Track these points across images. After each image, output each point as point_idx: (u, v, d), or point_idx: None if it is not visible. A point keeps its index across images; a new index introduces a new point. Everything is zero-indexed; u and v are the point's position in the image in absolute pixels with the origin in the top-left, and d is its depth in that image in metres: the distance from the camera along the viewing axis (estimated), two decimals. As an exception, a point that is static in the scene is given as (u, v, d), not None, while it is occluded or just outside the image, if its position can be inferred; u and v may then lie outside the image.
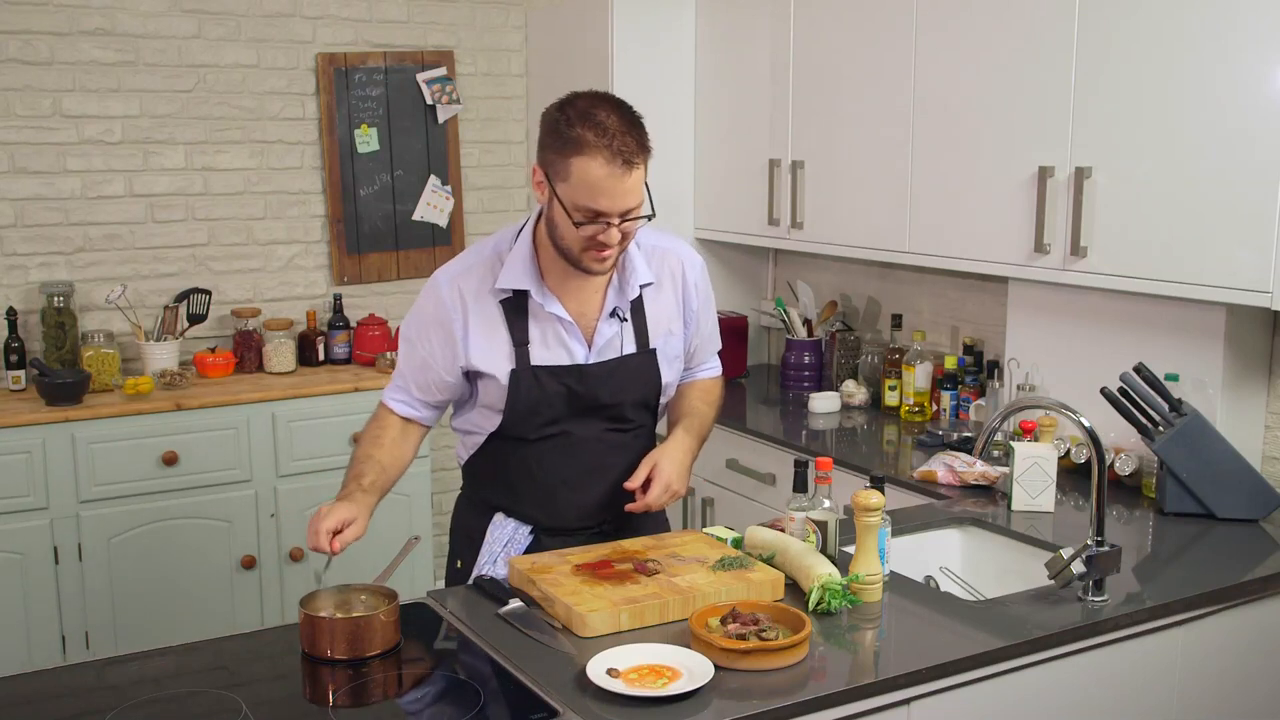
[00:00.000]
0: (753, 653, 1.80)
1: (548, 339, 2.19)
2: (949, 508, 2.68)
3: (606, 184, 1.99)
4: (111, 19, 3.90)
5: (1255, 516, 2.58)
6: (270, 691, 1.84)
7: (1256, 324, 2.77)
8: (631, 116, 2.04)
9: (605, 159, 1.98)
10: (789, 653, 1.82)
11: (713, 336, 2.44)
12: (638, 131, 2.03)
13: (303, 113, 4.23)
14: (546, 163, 2.06)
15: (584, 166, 1.99)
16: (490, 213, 4.61)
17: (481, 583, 2.13)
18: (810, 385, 3.88)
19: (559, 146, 2.02)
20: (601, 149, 1.98)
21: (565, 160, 2.01)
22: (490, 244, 2.24)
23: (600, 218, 2.03)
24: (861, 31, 3.37)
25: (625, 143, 1.99)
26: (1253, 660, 2.34)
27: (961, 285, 3.61)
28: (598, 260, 2.09)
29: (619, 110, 2.04)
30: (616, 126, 2.00)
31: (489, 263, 2.20)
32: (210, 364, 3.96)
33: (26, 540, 3.49)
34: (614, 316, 2.23)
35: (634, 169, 2.01)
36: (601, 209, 2.02)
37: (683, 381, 2.43)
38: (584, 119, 2.00)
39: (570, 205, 2.03)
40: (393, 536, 3.83)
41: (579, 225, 2.04)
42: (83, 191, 3.93)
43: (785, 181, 3.68)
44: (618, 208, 2.02)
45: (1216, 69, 2.49)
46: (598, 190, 2.00)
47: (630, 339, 2.24)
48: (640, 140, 2.03)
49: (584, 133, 1.99)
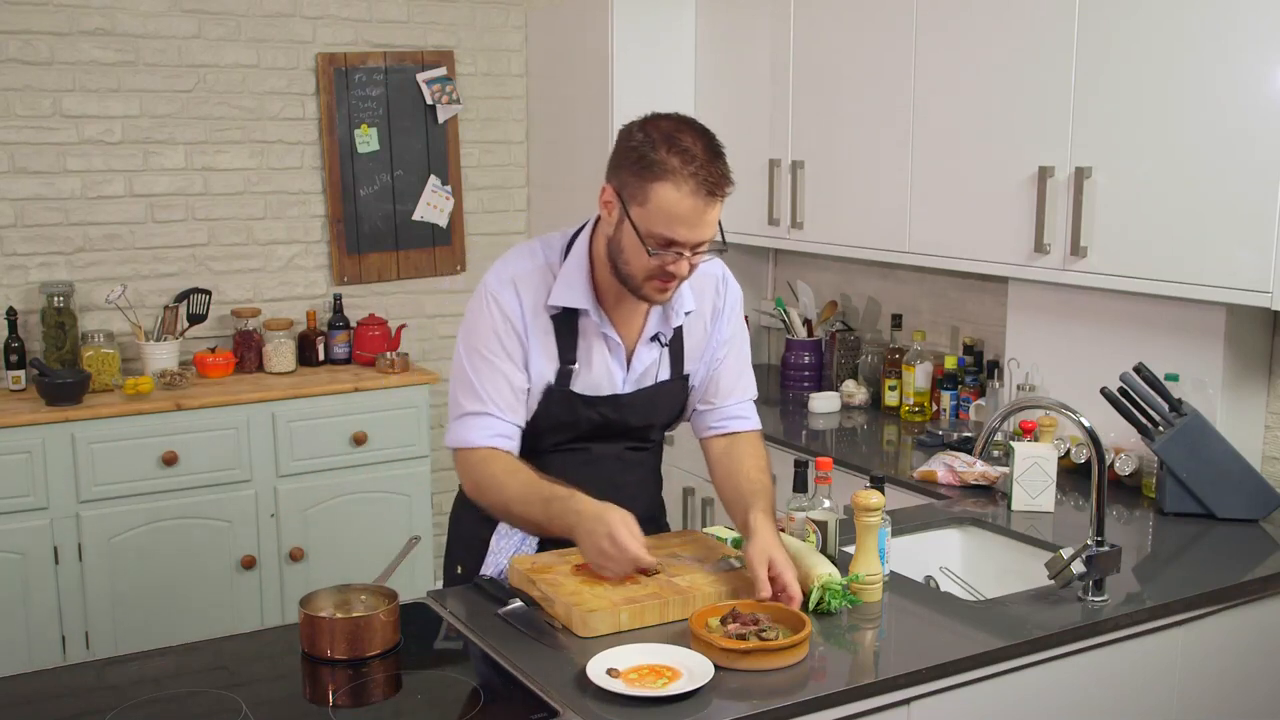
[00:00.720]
0: (753, 653, 1.80)
1: (592, 359, 2.11)
2: (949, 508, 2.68)
3: (688, 214, 1.90)
4: (111, 19, 3.90)
5: (1255, 516, 2.58)
6: (270, 691, 1.84)
7: (1256, 324, 2.77)
8: (716, 146, 1.94)
9: (691, 188, 1.89)
10: (789, 653, 1.82)
11: (745, 375, 2.30)
12: (722, 162, 1.93)
13: (303, 113, 4.23)
14: (621, 184, 1.95)
15: (666, 193, 1.90)
16: (490, 213, 4.61)
17: (481, 583, 2.12)
18: (810, 385, 3.88)
19: (639, 169, 1.92)
20: (687, 177, 1.89)
21: (645, 184, 1.91)
22: (539, 251, 2.12)
23: (674, 247, 1.94)
24: (861, 31, 3.37)
25: (712, 172, 1.90)
26: (1253, 660, 2.34)
27: (961, 285, 3.61)
28: (660, 290, 2.01)
29: (705, 137, 1.94)
30: (703, 154, 1.90)
31: (541, 273, 2.09)
32: (210, 364, 3.96)
33: (26, 540, 3.49)
34: (654, 341, 2.16)
35: (718, 200, 1.92)
36: (678, 239, 1.93)
37: (719, 430, 2.28)
38: (669, 142, 1.90)
39: (644, 231, 1.93)
40: (393, 536, 3.86)
41: (651, 254, 1.94)
42: (83, 191, 3.93)
43: (785, 181, 3.68)
44: (694, 238, 1.93)
45: (1216, 69, 2.49)
46: (678, 219, 1.91)
47: (666, 365, 2.19)
48: (726, 171, 1.93)
49: (669, 157, 1.89)
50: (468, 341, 2.11)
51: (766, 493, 2.16)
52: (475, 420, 2.08)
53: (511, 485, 2.05)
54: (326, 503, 3.89)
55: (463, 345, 2.12)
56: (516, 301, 2.07)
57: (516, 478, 2.05)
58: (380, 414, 3.96)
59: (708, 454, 2.31)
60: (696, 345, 2.23)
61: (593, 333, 2.11)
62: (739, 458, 2.24)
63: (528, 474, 2.05)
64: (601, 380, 2.14)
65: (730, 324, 2.25)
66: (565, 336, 2.10)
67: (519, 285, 2.08)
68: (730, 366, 2.27)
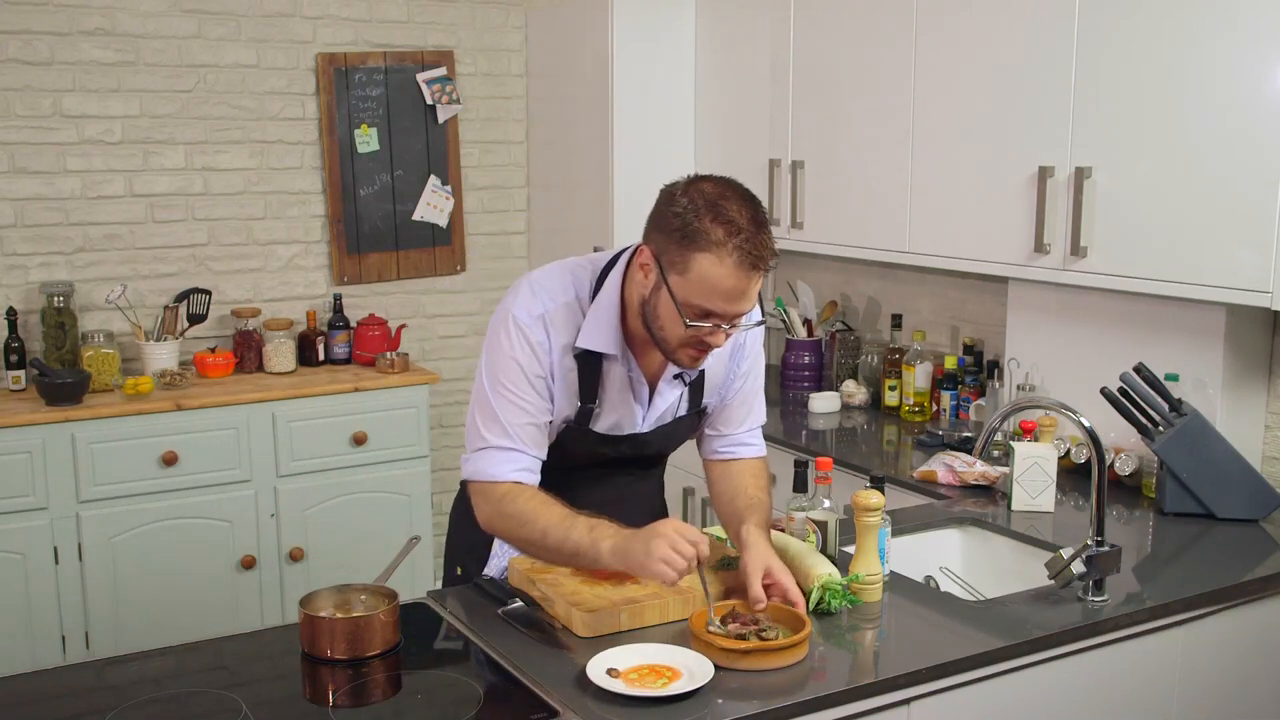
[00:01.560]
0: (753, 653, 1.80)
1: (613, 398, 2.07)
2: (949, 508, 2.68)
3: (730, 288, 1.83)
4: (111, 19, 3.90)
5: (1255, 516, 2.58)
6: (270, 691, 1.84)
7: (1256, 324, 2.77)
8: (762, 216, 1.87)
9: (735, 261, 1.81)
10: (789, 653, 1.82)
11: (757, 405, 2.26)
12: (767, 233, 1.86)
13: (303, 113, 4.23)
14: (661, 249, 1.87)
15: (708, 266, 1.82)
16: (490, 213, 4.61)
17: (481, 583, 2.12)
18: (810, 385, 3.88)
19: (680, 237, 1.84)
20: (731, 250, 1.81)
21: (686, 254, 1.83)
22: (570, 285, 2.03)
23: (712, 319, 1.87)
24: (861, 31, 3.37)
25: (757, 244, 1.82)
26: (1253, 660, 2.34)
27: (961, 285, 3.61)
28: (693, 359, 1.95)
29: (750, 205, 1.86)
30: (749, 225, 1.83)
31: (571, 311, 2.01)
32: (210, 364, 3.96)
33: (26, 540, 3.49)
34: (678, 379, 2.11)
35: (760, 274, 1.85)
36: (717, 311, 1.86)
37: (725, 456, 2.26)
38: (713, 210, 1.83)
39: (682, 301, 1.86)
40: (393, 536, 3.86)
41: (688, 325, 1.87)
42: (83, 191, 3.93)
43: (785, 181, 3.68)
44: (734, 310, 1.87)
45: (1217, 69, 2.49)
46: (719, 292, 1.84)
47: (685, 400, 2.16)
48: (771, 243, 1.86)
49: (713, 227, 1.81)
50: (492, 372, 2.02)
51: (763, 508, 2.13)
52: (499, 455, 2.01)
53: (546, 515, 1.97)
54: (326, 503, 3.89)
55: (486, 375, 2.03)
56: (546, 340, 2.00)
57: (551, 509, 1.98)
58: (380, 414, 3.96)
59: (709, 474, 2.29)
60: (715, 378, 2.18)
61: (618, 375, 2.06)
62: (740, 478, 2.22)
63: (561, 507, 1.99)
64: (622, 420, 2.10)
65: (749, 358, 2.20)
66: (588, 377, 2.04)
67: (550, 323, 2.00)
68: (745, 398, 2.23)
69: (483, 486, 2.03)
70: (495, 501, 2.02)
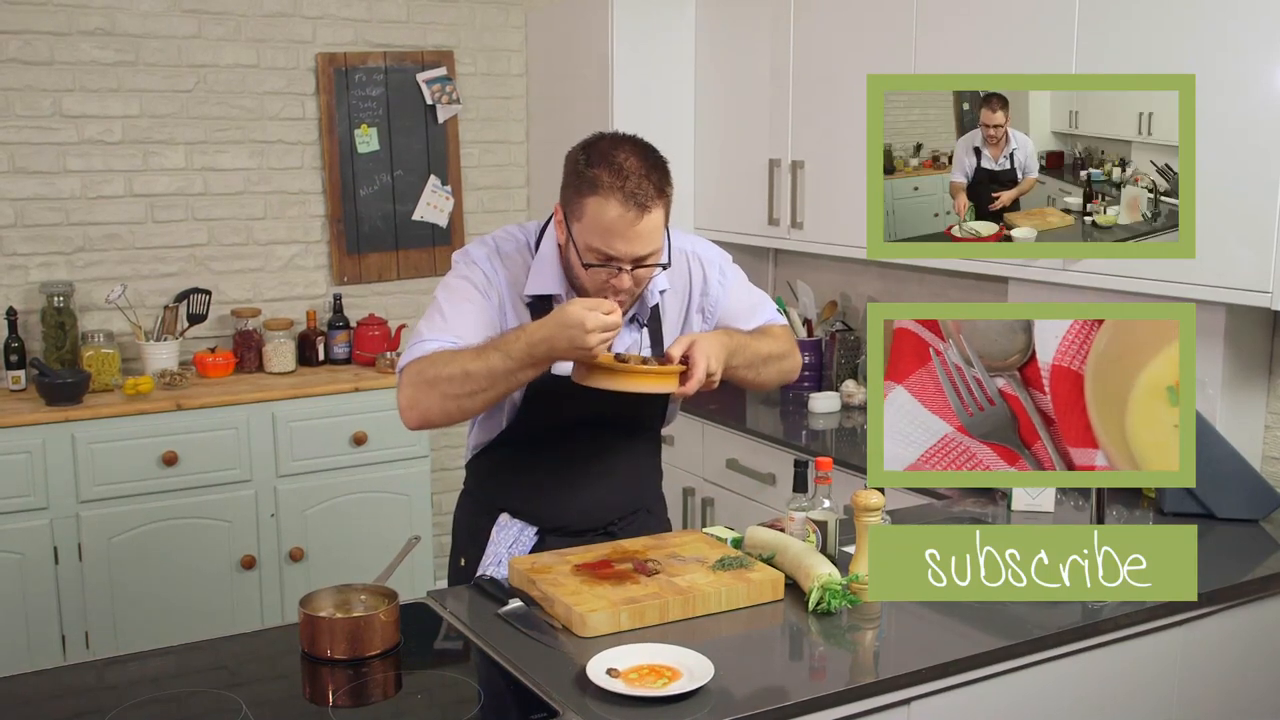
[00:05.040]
0: (623, 373, 1.94)
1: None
2: (949, 508, 2.68)
3: (619, 226, 1.95)
4: (111, 19, 3.90)
5: (1255, 516, 2.58)
6: (270, 691, 1.84)
7: (1256, 324, 2.77)
8: (654, 159, 1.99)
9: (619, 201, 1.94)
10: (658, 379, 1.96)
11: (753, 307, 2.32)
12: (657, 175, 1.98)
13: (303, 113, 4.23)
14: (565, 201, 2.04)
15: (598, 208, 1.96)
16: (490, 212, 4.61)
17: (481, 583, 2.13)
18: (810, 385, 3.88)
19: (576, 186, 1.99)
20: (616, 190, 1.94)
21: (581, 200, 1.98)
22: (520, 238, 2.18)
23: (612, 261, 1.99)
24: (861, 31, 3.37)
25: (641, 185, 1.95)
26: (1253, 660, 2.34)
27: (962, 285, 3.61)
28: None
29: (640, 152, 1.99)
30: (635, 169, 1.96)
31: (522, 254, 2.15)
32: (210, 364, 3.96)
33: (26, 540, 3.49)
34: (633, 323, 2.20)
35: (647, 213, 1.96)
36: (614, 253, 1.98)
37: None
38: (603, 160, 1.97)
39: (582, 246, 2.00)
40: (393, 536, 3.85)
41: (588, 267, 2.00)
42: (83, 191, 3.93)
43: (785, 181, 3.68)
44: (630, 252, 1.98)
45: (1216, 68, 2.49)
46: (610, 233, 1.96)
47: (646, 345, 2.22)
48: (659, 185, 1.98)
49: (600, 173, 1.96)
50: (443, 287, 2.14)
51: (740, 334, 2.19)
52: (431, 344, 2.06)
53: (459, 356, 2.00)
54: (326, 503, 3.90)
55: (436, 292, 2.15)
56: (496, 271, 2.13)
57: (462, 351, 2.01)
58: (380, 414, 3.96)
59: None
60: (675, 322, 2.26)
61: None
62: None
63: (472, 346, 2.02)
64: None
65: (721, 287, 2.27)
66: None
67: (503, 260, 2.14)
68: (738, 307, 2.29)
69: (412, 366, 2.05)
70: (419, 374, 2.03)
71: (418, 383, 2.04)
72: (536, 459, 2.24)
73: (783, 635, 1.99)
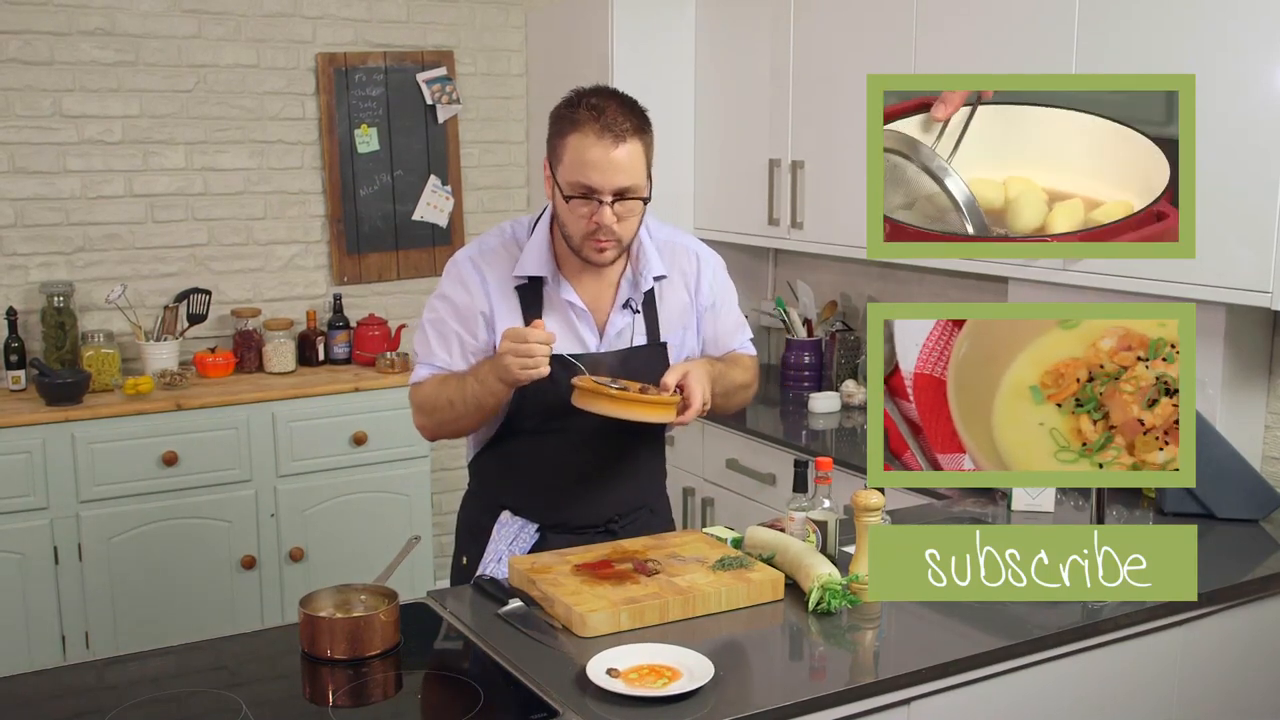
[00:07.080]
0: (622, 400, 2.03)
1: (560, 327, 2.19)
2: (949, 508, 2.68)
3: (595, 157, 2.03)
4: (111, 19, 3.90)
5: (1255, 516, 2.58)
6: (270, 691, 1.84)
7: (1256, 324, 2.77)
8: (630, 102, 2.11)
9: (595, 132, 2.04)
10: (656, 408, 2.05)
11: (737, 326, 2.43)
12: (635, 116, 2.09)
13: (303, 113, 4.23)
14: (550, 151, 2.13)
15: (576, 142, 2.05)
16: (490, 213, 4.61)
17: (481, 583, 2.13)
18: (810, 385, 3.88)
19: (558, 129, 2.10)
20: (593, 123, 2.04)
21: (562, 140, 2.08)
22: (508, 230, 2.27)
23: (592, 194, 2.05)
24: (861, 31, 3.37)
25: (616, 118, 2.05)
26: (1253, 660, 2.34)
27: (962, 285, 3.60)
28: (597, 250, 2.11)
29: (617, 97, 2.11)
30: (611, 107, 2.07)
31: (508, 248, 2.23)
32: (210, 364, 3.96)
33: (26, 540, 3.49)
34: (626, 308, 2.24)
35: (623, 143, 2.05)
36: (592, 184, 2.05)
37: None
38: (581, 101, 2.09)
39: (564, 183, 2.08)
40: (393, 536, 3.86)
41: (569, 199, 2.07)
42: (83, 191, 3.93)
43: (785, 181, 3.68)
44: (608, 184, 2.05)
45: (1216, 69, 2.49)
46: (588, 164, 2.04)
47: (641, 331, 2.25)
48: (634, 120, 2.08)
49: (579, 112, 2.07)
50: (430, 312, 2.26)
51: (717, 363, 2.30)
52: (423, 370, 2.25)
53: (445, 386, 2.19)
54: (326, 503, 3.90)
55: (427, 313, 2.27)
56: (480, 277, 2.20)
57: (448, 380, 2.20)
58: (380, 414, 3.96)
59: None
60: (673, 312, 2.29)
61: (557, 301, 2.20)
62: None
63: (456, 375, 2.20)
64: (573, 346, 2.21)
65: (713, 291, 2.34)
66: (530, 307, 2.20)
67: (482, 262, 2.21)
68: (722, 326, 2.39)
69: (414, 393, 2.26)
70: (420, 404, 2.25)
71: (420, 409, 2.26)
72: (537, 456, 2.25)
73: (783, 635, 1.99)
